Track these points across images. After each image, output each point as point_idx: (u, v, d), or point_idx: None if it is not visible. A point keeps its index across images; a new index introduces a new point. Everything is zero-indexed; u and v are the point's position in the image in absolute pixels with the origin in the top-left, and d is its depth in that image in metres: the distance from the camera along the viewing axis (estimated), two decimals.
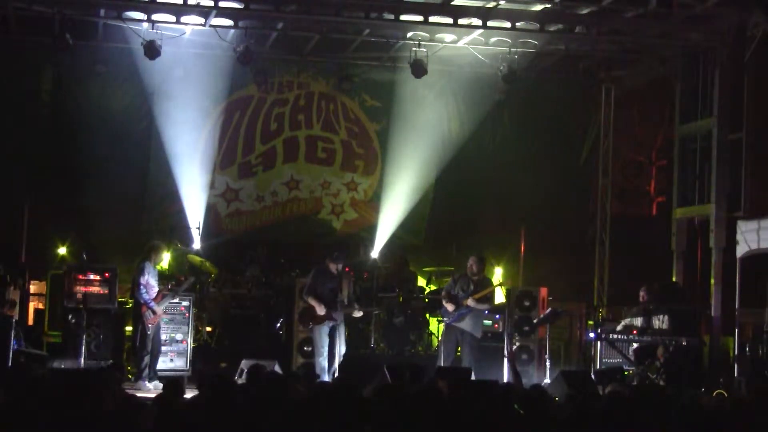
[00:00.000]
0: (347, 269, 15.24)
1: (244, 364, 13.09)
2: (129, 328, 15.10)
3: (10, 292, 14.05)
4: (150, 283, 14.25)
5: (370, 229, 18.59)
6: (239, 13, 15.64)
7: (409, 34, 16.37)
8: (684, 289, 16.52)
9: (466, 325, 14.34)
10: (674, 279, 16.83)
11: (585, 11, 15.65)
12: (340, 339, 14.26)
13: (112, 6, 15.74)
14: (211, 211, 17.97)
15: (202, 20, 15.71)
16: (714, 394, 12.94)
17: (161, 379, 13.70)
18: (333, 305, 14.10)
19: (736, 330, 15.32)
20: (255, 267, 16.87)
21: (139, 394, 8.85)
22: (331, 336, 14.17)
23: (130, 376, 14.45)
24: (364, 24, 16.17)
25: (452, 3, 15.39)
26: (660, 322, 14.25)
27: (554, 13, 15.73)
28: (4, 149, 17.07)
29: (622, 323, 14.65)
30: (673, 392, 10.70)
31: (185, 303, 14.97)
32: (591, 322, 16.17)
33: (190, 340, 15.04)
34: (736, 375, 14.83)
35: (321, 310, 14.04)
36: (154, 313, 14.15)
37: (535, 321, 15.75)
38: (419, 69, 16.27)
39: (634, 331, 14.38)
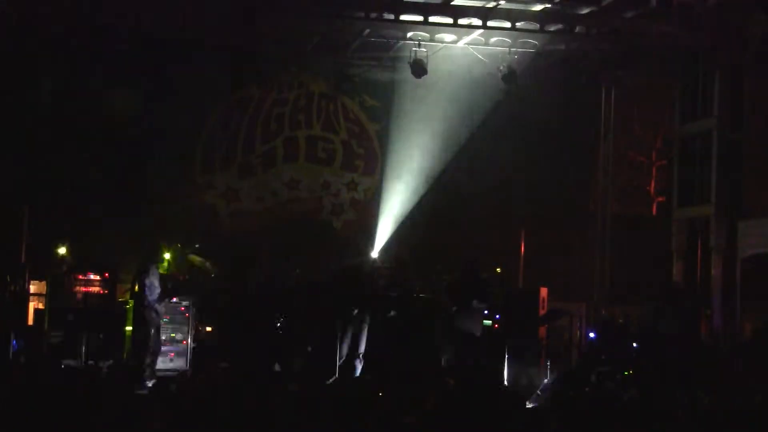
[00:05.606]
0: None
1: None
2: (129, 328, 15.07)
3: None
4: (154, 284, 14.23)
5: (370, 229, 18.58)
6: None
7: (409, 34, 16.38)
8: (685, 289, 16.51)
9: (465, 324, 14.33)
10: (674, 279, 16.82)
11: (585, 11, 15.65)
12: None
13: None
14: (211, 211, 17.97)
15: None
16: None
17: (159, 379, 13.68)
18: None
19: (736, 330, 15.33)
20: (255, 267, 16.85)
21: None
22: None
23: None
24: (364, 24, 16.18)
25: (452, 3, 15.39)
26: None
27: (554, 13, 15.73)
28: (4, 150, 17.06)
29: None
30: (672, 392, 10.70)
31: (185, 303, 14.97)
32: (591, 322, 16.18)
33: (190, 340, 15.03)
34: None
35: None
36: (157, 314, 14.13)
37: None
38: (419, 69, 16.28)
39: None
